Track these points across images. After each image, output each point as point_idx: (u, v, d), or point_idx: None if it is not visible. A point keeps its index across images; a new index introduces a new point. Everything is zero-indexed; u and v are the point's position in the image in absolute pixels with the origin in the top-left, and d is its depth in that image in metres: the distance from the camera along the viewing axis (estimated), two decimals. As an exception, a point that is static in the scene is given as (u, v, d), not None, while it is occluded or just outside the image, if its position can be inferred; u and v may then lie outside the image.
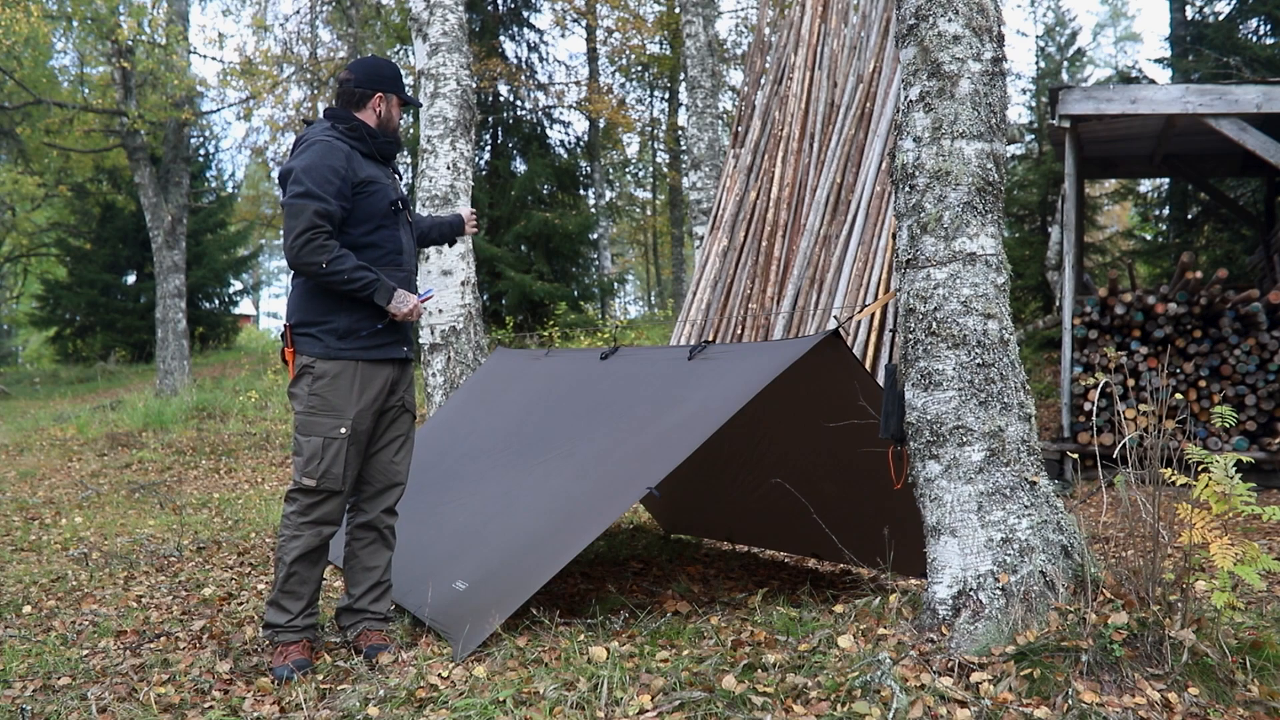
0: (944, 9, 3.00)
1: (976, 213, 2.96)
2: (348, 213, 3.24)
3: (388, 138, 3.41)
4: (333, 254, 3.14)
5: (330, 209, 3.15)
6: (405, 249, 3.42)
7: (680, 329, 8.79)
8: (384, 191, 3.33)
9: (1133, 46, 33.28)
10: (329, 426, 3.21)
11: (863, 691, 2.54)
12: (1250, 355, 7.30)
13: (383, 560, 3.43)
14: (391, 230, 3.36)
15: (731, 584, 4.48)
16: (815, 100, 8.85)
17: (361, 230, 3.29)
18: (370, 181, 3.29)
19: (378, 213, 3.30)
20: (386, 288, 3.23)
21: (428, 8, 7.34)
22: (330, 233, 3.17)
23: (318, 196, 3.14)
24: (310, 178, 3.16)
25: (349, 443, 3.23)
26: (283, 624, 3.23)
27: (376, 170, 3.36)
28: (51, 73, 17.35)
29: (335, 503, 3.25)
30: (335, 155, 3.21)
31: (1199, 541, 2.66)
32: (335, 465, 3.20)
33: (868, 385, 3.67)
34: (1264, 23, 13.66)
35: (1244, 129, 7.26)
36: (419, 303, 3.32)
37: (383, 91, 3.39)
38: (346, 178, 3.22)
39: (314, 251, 3.13)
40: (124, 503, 6.92)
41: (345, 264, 3.16)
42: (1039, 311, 12.85)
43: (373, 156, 3.36)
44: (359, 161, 3.30)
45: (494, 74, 16.12)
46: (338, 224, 3.21)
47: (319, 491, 3.20)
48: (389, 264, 3.33)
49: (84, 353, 22.74)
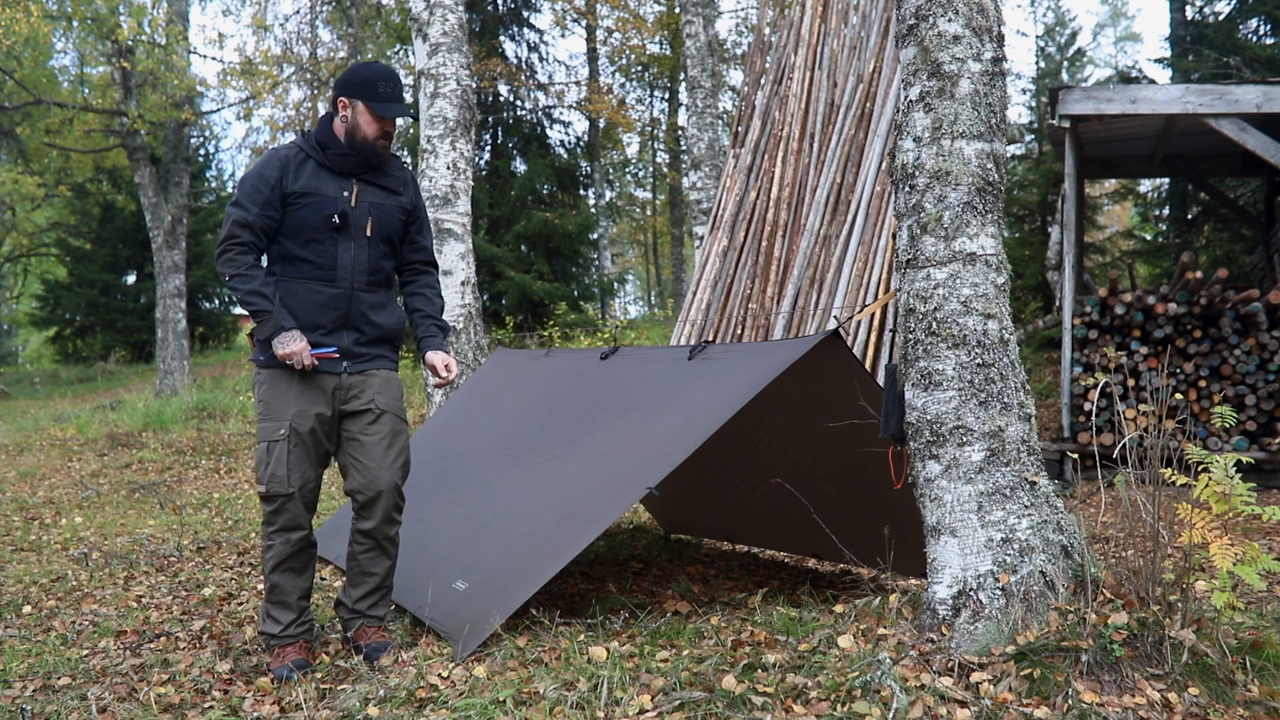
0: (944, 9, 3.00)
1: (976, 213, 2.96)
2: (277, 223, 3.19)
3: (343, 149, 3.24)
4: (239, 269, 3.12)
5: (249, 218, 3.12)
6: (342, 265, 3.24)
7: (680, 329, 8.79)
8: (321, 204, 3.20)
9: (1133, 46, 33.32)
10: (271, 430, 3.19)
11: (863, 691, 2.54)
12: (1250, 355, 7.29)
13: (381, 568, 3.36)
14: (326, 245, 3.22)
15: (731, 584, 4.48)
16: (815, 100, 8.85)
17: (294, 242, 3.21)
18: (305, 194, 3.19)
19: (310, 226, 3.19)
20: (273, 323, 3.12)
21: (428, 8, 7.34)
22: (246, 244, 3.13)
23: (242, 205, 3.14)
24: (244, 185, 3.16)
25: (290, 444, 3.17)
26: (276, 634, 3.25)
27: (327, 182, 3.23)
28: (51, 73, 17.35)
29: (293, 507, 3.19)
30: (271, 164, 3.19)
31: (1199, 541, 2.66)
32: (279, 467, 3.15)
33: (868, 385, 3.67)
34: (1264, 23, 13.66)
35: (1244, 129, 7.26)
36: (308, 356, 3.15)
37: (347, 97, 3.23)
38: (276, 186, 3.16)
39: (224, 263, 3.14)
40: (124, 503, 6.92)
41: (245, 284, 3.12)
42: (1039, 311, 12.86)
43: (327, 167, 3.25)
44: (308, 171, 3.21)
45: (494, 74, 16.12)
46: (263, 233, 3.17)
47: (271, 497, 3.17)
48: (320, 279, 3.22)
49: (84, 353, 22.76)
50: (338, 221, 3.21)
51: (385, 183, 3.35)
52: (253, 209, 3.14)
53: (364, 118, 3.22)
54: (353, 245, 3.26)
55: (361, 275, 3.29)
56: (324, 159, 3.24)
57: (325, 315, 3.24)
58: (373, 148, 3.25)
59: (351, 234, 3.26)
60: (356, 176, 3.29)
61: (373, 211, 3.30)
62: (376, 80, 3.22)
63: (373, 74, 3.24)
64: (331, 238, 3.23)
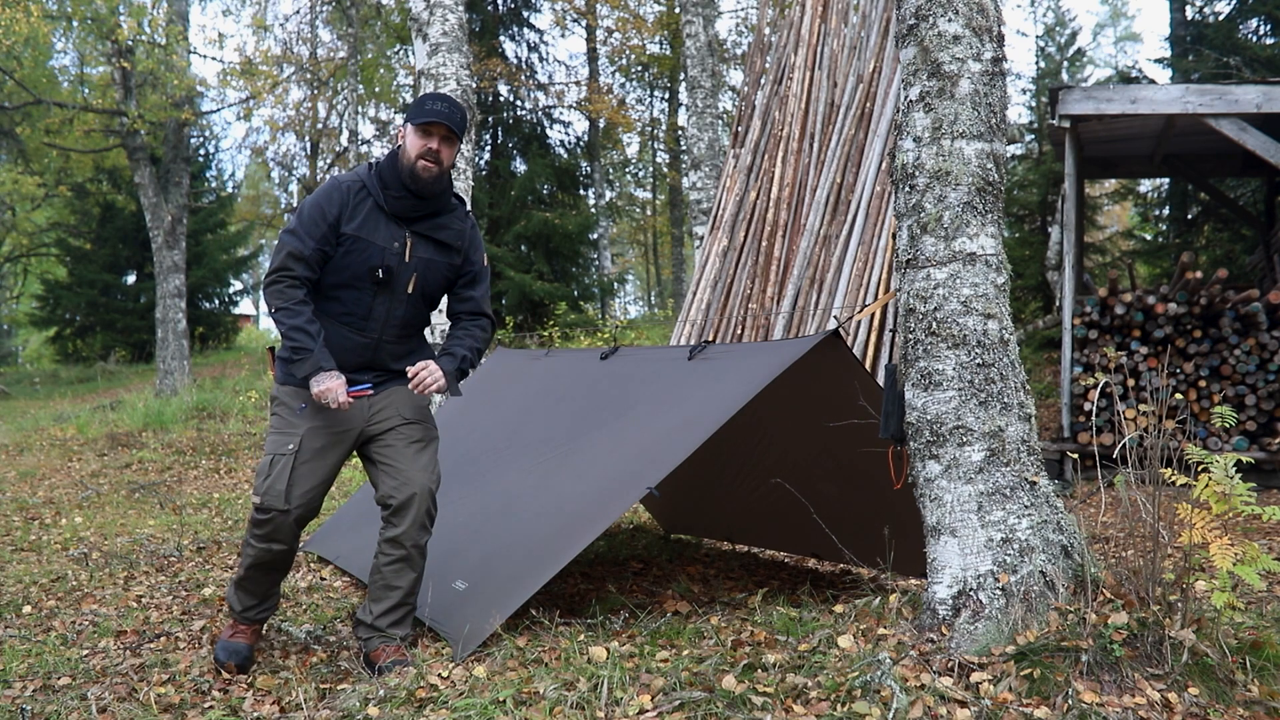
0: (944, 9, 3.00)
1: (976, 213, 2.96)
2: (328, 258, 3.12)
3: (399, 190, 3.13)
4: (287, 302, 3.05)
5: (305, 252, 3.06)
6: (375, 316, 3.18)
7: (680, 329, 8.80)
8: (369, 254, 3.11)
9: (1133, 46, 33.33)
10: (279, 443, 3.14)
11: (863, 691, 2.54)
12: (1250, 355, 7.30)
13: (406, 581, 3.23)
14: (362, 294, 3.15)
15: (731, 584, 4.48)
16: (815, 100, 8.86)
17: (333, 281, 3.16)
18: (356, 239, 3.11)
19: (353, 273, 3.13)
20: (311, 363, 3.04)
21: (428, 8, 7.34)
22: (299, 279, 3.07)
23: (299, 237, 3.07)
24: (302, 214, 3.10)
25: (296, 460, 3.11)
26: (238, 610, 3.32)
27: (381, 228, 3.14)
28: (51, 73, 17.35)
29: (284, 523, 3.12)
30: (332, 197, 3.11)
31: (1199, 541, 2.66)
32: (278, 482, 3.09)
33: (868, 385, 3.67)
34: (1264, 23, 13.67)
35: (1244, 129, 7.26)
36: (343, 395, 3.07)
37: (405, 124, 3.15)
38: (335, 223, 3.09)
39: (273, 294, 3.08)
40: (124, 503, 6.92)
41: (291, 319, 3.05)
42: (1039, 311, 12.86)
43: (384, 209, 3.15)
44: (364, 212, 3.13)
45: (494, 74, 16.13)
46: (317, 266, 3.11)
47: (264, 510, 3.11)
48: (349, 325, 3.18)
49: (84, 353, 22.76)
50: (381, 276, 3.14)
51: (442, 236, 3.24)
52: (310, 242, 3.06)
53: (410, 138, 3.13)
54: (389, 299, 3.19)
55: (393, 328, 3.24)
56: (382, 200, 3.15)
57: (349, 358, 3.20)
58: (415, 173, 3.11)
59: (392, 288, 3.18)
60: (412, 225, 3.18)
61: (420, 268, 3.20)
62: (426, 99, 3.15)
63: (426, 96, 3.17)
64: (370, 289, 3.16)
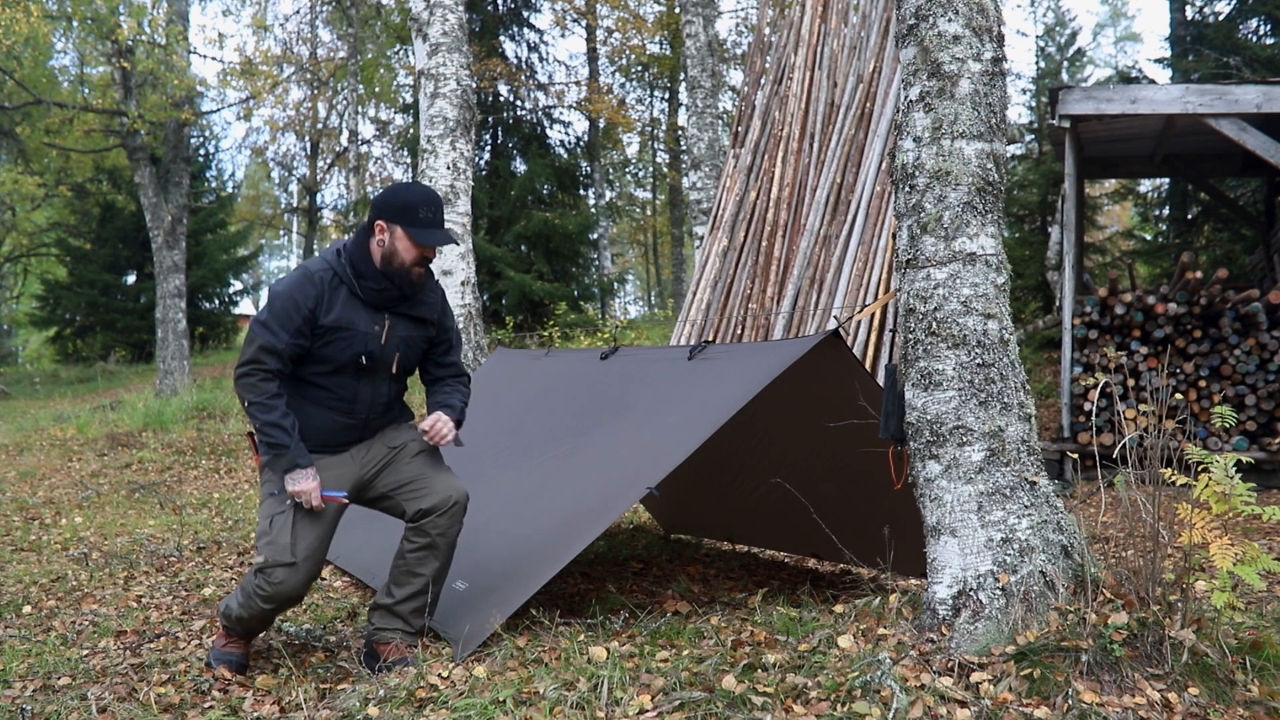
0: (944, 9, 3.00)
1: (976, 213, 2.96)
2: (304, 350, 3.07)
3: (379, 283, 3.09)
4: (260, 396, 3.00)
5: (278, 346, 3.00)
6: (361, 399, 3.17)
7: (680, 329, 8.80)
8: (351, 341, 3.08)
9: (1133, 46, 33.33)
10: (274, 506, 3.08)
11: (863, 691, 2.54)
12: (1250, 355, 7.30)
13: (430, 570, 3.21)
14: (348, 379, 3.13)
15: (731, 584, 4.48)
16: (815, 100, 8.86)
17: (315, 370, 3.12)
18: (337, 329, 3.06)
19: (336, 360, 3.10)
20: (287, 460, 3.01)
21: (428, 8, 7.34)
22: (270, 372, 3.02)
23: (271, 330, 3.00)
24: (274, 307, 3.03)
25: (296, 514, 3.07)
26: (236, 632, 3.24)
27: (359, 315, 3.09)
28: (51, 73, 17.36)
29: (290, 579, 3.04)
30: (305, 289, 3.03)
31: (1199, 541, 2.66)
32: (281, 536, 3.04)
33: (868, 385, 3.67)
34: (1264, 23, 13.67)
35: (1244, 129, 7.26)
36: (317, 498, 3.05)
37: (385, 221, 3.07)
38: (310, 316, 3.02)
39: (245, 387, 3.03)
40: (124, 503, 6.92)
41: (265, 414, 3.00)
42: (1039, 311, 12.86)
43: (359, 297, 3.10)
44: (340, 301, 3.07)
45: (494, 74, 16.13)
46: (289, 360, 3.05)
47: (270, 567, 3.03)
48: (336, 409, 3.15)
49: (84, 353, 22.77)
50: (365, 362, 3.12)
51: (418, 312, 3.23)
52: (283, 335, 3.01)
53: (403, 243, 3.07)
54: (373, 381, 3.18)
55: (379, 406, 3.24)
56: (358, 289, 3.09)
57: (336, 438, 3.19)
58: (408, 277, 3.11)
59: (376, 371, 3.17)
60: (390, 309, 3.17)
61: (400, 347, 3.20)
62: (418, 205, 3.07)
63: (413, 198, 3.09)
64: (354, 374, 3.15)
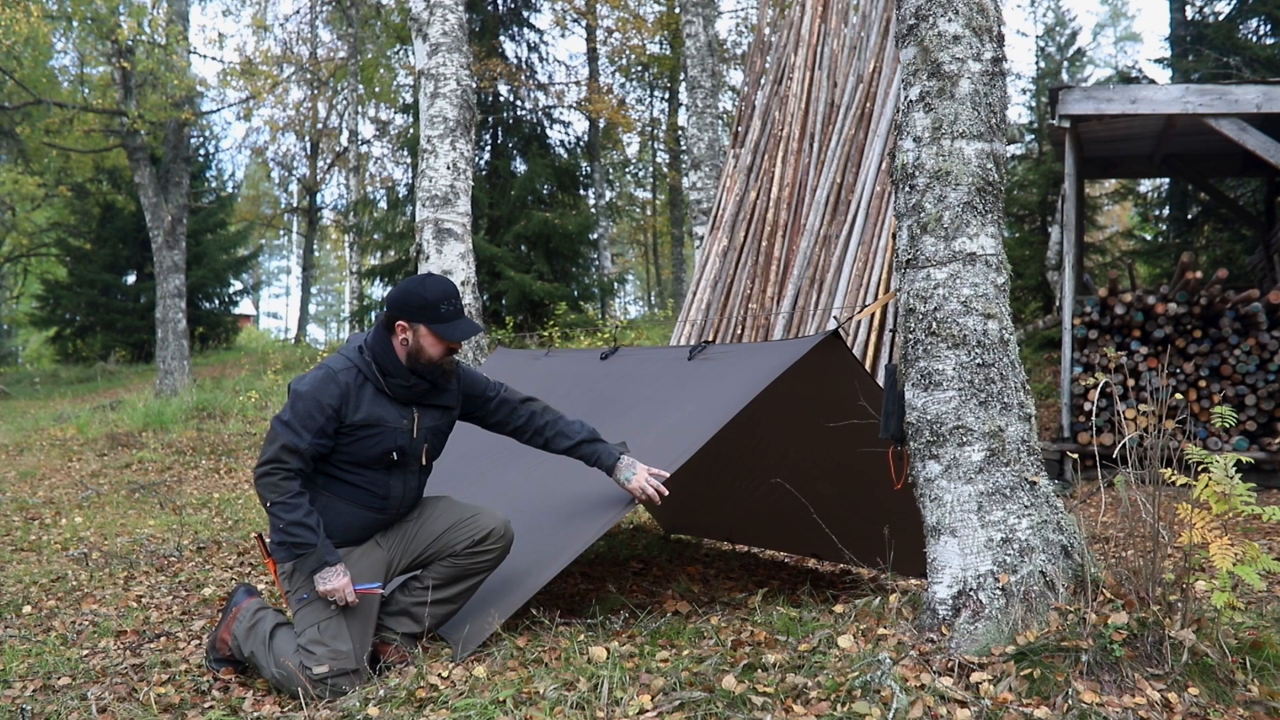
0: (944, 9, 3.00)
1: (976, 213, 2.96)
2: (329, 450, 3.03)
3: (408, 380, 3.07)
4: (282, 496, 2.95)
5: (301, 446, 2.95)
6: (393, 495, 3.13)
7: (680, 329, 8.79)
8: (382, 438, 3.04)
9: (1133, 46, 33.33)
10: (319, 611, 3.02)
11: (863, 691, 2.54)
12: (1250, 355, 7.30)
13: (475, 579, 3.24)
14: (380, 474, 3.09)
15: (731, 584, 4.48)
16: (815, 100, 8.86)
17: (345, 469, 3.08)
18: (368, 425, 3.02)
19: (367, 457, 3.06)
20: (316, 559, 2.96)
21: (428, 8, 7.34)
22: (292, 471, 2.97)
23: (294, 430, 2.95)
24: (297, 407, 2.97)
25: (345, 614, 3.02)
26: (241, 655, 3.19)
27: (388, 410, 3.06)
28: (51, 73, 17.35)
29: (357, 681, 2.98)
30: (329, 390, 2.99)
31: (1199, 541, 2.66)
32: (340, 643, 2.98)
33: (868, 385, 3.67)
34: (1264, 23, 13.67)
35: (1244, 129, 7.26)
36: (350, 594, 3.01)
37: (407, 320, 3.04)
38: (334, 416, 2.98)
39: (267, 487, 2.96)
40: (124, 503, 6.92)
41: (288, 513, 2.94)
42: (1039, 311, 12.86)
43: (386, 394, 3.07)
44: (368, 399, 3.04)
45: (494, 74, 16.12)
46: (312, 460, 3.01)
47: (335, 677, 2.95)
48: (368, 505, 3.11)
49: (84, 353, 22.77)
50: (396, 457, 3.09)
51: (443, 400, 3.22)
52: (306, 435, 2.95)
53: (428, 340, 3.05)
54: (404, 475, 3.16)
55: (411, 498, 3.22)
56: (385, 387, 3.07)
57: (367, 533, 3.15)
58: (440, 369, 3.10)
59: (407, 465, 3.14)
60: (418, 403, 3.15)
61: (428, 437, 3.18)
62: (437, 302, 3.04)
63: (432, 295, 3.04)
64: (386, 468, 3.11)
